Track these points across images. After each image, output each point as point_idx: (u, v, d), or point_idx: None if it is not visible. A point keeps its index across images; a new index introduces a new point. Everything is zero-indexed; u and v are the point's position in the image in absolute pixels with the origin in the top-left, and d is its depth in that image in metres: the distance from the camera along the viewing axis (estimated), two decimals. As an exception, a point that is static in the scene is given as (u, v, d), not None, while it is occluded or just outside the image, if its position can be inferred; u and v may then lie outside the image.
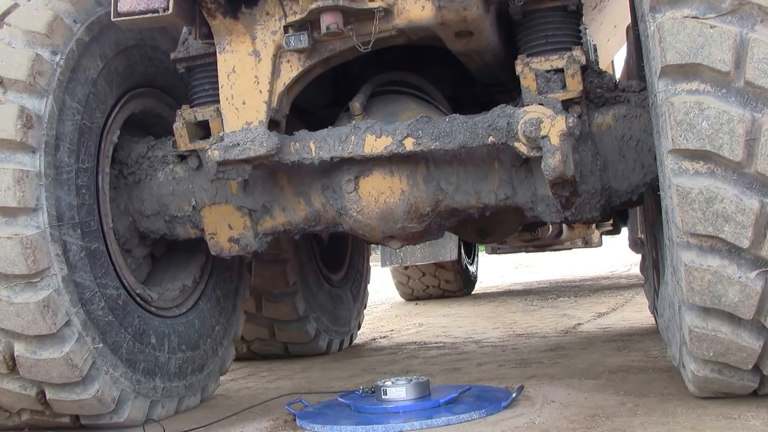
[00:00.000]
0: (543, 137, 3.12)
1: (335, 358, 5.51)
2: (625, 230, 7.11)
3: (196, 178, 3.83)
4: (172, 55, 3.74)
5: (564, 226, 9.04)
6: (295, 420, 3.35)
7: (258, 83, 3.42)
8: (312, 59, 3.42)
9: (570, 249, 10.64)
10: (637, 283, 9.58)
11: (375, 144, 3.39)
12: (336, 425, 3.12)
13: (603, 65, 6.56)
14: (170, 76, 3.98)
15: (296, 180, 3.73)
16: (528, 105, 3.25)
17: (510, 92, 3.89)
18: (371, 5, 3.22)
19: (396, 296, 10.63)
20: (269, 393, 4.14)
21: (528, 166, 3.48)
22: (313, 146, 3.45)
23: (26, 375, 3.16)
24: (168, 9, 3.23)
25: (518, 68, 3.33)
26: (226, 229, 3.84)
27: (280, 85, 3.45)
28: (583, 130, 3.32)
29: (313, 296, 5.49)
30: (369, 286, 6.67)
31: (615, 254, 15.38)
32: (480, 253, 11.91)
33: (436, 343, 5.86)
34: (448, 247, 8.77)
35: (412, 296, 10.27)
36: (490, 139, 3.24)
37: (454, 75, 4.23)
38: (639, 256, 4.92)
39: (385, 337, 6.68)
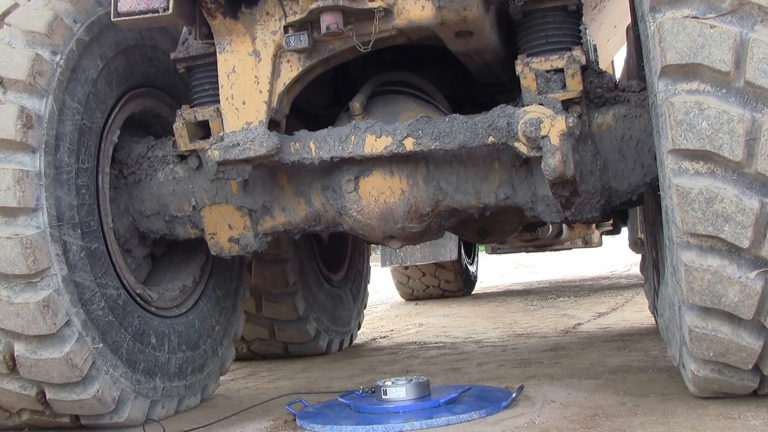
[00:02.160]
0: (543, 137, 3.12)
1: (335, 358, 5.51)
2: (625, 230, 7.11)
3: (196, 178, 3.83)
4: (172, 55, 3.74)
5: (564, 226, 9.04)
6: (295, 420, 3.35)
7: (258, 83, 3.43)
8: (312, 59, 3.42)
9: (570, 249, 10.63)
10: (637, 283, 9.58)
11: (375, 144, 3.39)
12: (336, 425, 3.12)
13: (603, 65, 6.56)
14: (170, 76, 3.98)
15: (296, 180, 3.73)
16: (528, 105, 3.25)
17: (510, 92, 3.89)
18: (371, 5, 3.22)
19: (396, 296, 10.62)
20: (269, 393, 4.14)
21: (528, 166, 3.48)
22: (313, 146, 3.45)
23: (26, 375, 3.16)
24: (168, 9, 3.23)
25: (518, 68, 3.33)
26: (226, 229, 3.84)
27: (280, 85, 3.45)
28: (583, 130, 3.32)
29: (313, 296, 5.49)
30: (369, 286, 6.67)
31: (615, 254, 15.37)
32: (480, 253, 11.91)
33: (436, 343, 5.86)
34: (448, 247, 8.77)
35: (412, 296, 10.27)
36: (490, 139, 3.24)
37: (454, 75, 4.23)
38: (639, 256, 4.92)
39: (385, 337, 6.68)
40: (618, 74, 7.17)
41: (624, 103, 3.46)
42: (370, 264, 6.79)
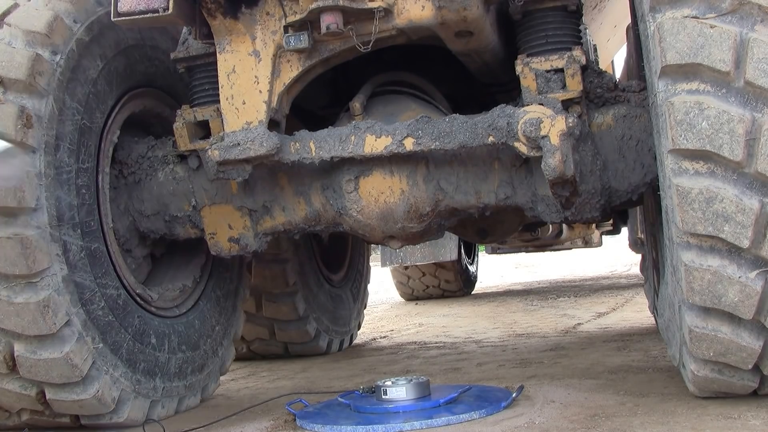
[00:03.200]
0: (543, 137, 3.12)
1: (335, 358, 5.51)
2: (625, 230, 7.11)
3: (196, 178, 3.83)
4: (172, 55, 3.74)
5: (564, 226, 9.04)
6: (295, 420, 3.35)
7: (258, 83, 3.43)
8: (312, 59, 3.42)
9: (570, 249, 10.64)
10: (637, 283, 9.58)
11: (375, 144, 3.39)
12: (336, 425, 3.12)
13: (603, 65, 6.56)
14: (170, 76, 3.98)
15: (296, 180, 3.73)
16: (528, 105, 3.25)
17: (510, 92, 3.89)
18: (371, 5, 3.23)
19: (396, 296, 10.62)
20: (269, 393, 4.14)
21: (528, 166, 3.48)
22: (313, 146, 3.45)
23: (26, 375, 3.16)
24: (168, 9, 3.23)
25: (518, 68, 3.33)
26: (226, 229, 3.84)
27: (280, 85, 3.45)
28: (583, 130, 3.32)
29: (313, 296, 5.49)
30: (369, 286, 6.67)
31: (615, 254, 15.37)
32: (480, 253, 11.91)
33: (436, 343, 5.86)
34: (448, 247, 8.78)
35: (412, 296, 10.27)
36: (490, 139, 3.24)
37: (454, 75, 4.23)
38: (639, 256, 4.92)
39: (385, 337, 6.68)
40: (618, 74, 7.17)
41: (624, 103, 3.46)
42: (370, 264, 6.79)
